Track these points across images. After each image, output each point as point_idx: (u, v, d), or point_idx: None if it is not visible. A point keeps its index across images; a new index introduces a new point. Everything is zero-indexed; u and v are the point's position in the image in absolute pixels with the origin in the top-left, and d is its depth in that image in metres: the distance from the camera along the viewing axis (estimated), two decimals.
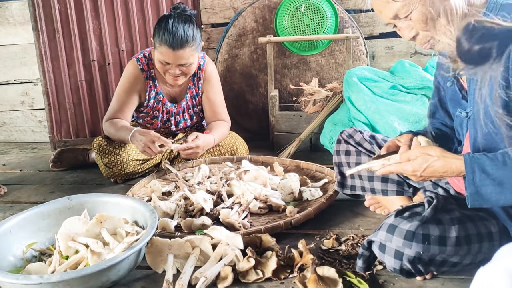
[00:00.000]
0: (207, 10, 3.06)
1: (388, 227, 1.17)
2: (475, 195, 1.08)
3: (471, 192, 1.08)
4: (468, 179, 1.08)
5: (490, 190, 1.06)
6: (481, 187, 1.06)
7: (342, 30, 2.87)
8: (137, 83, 2.27)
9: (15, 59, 3.26)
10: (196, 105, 2.41)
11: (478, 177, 1.06)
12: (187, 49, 2.05)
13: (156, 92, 2.32)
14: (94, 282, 1.22)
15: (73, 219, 1.45)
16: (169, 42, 2.02)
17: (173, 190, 1.99)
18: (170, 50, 2.04)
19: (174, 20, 2.04)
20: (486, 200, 1.07)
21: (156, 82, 2.31)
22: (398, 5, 1.17)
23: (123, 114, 2.27)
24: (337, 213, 1.77)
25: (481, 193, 1.07)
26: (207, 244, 1.40)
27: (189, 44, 2.05)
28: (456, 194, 1.39)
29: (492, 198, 1.06)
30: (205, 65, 2.34)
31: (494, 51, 1.02)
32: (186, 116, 2.43)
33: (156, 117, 2.39)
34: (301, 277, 1.29)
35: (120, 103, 2.27)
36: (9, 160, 2.93)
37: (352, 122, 2.38)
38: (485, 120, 1.12)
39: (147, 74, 2.28)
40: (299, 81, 2.95)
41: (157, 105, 2.35)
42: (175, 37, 2.01)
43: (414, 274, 1.21)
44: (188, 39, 2.04)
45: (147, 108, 2.35)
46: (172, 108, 2.38)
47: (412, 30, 1.20)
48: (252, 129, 3.08)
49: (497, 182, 1.05)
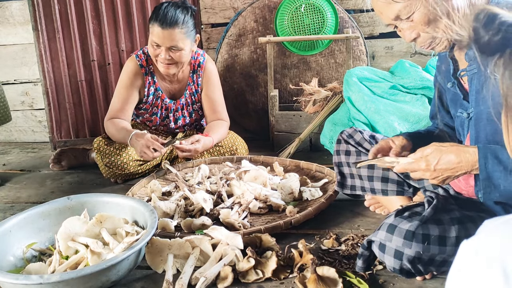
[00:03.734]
0: (207, 10, 3.06)
1: (388, 227, 1.18)
2: (487, 180, 1.09)
3: (483, 178, 1.09)
4: (481, 165, 1.08)
5: (500, 176, 1.07)
6: (492, 173, 1.08)
7: (342, 30, 2.87)
8: (137, 79, 2.30)
9: (15, 59, 3.26)
10: (196, 102, 2.42)
11: (491, 163, 1.07)
12: (177, 30, 2.10)
13: (155, 88, 2.33)
14: (94, 282, 1.22)
15: (73, 219, 1.45)
16: (159, 21, 2.09)
17: (173, 190, 1.99)
18: (160, 28, 2.09)
19: (168, 4, 2.13)
20: (496, 187, 1.08)
21: (155, 78, 2.33)
22: (399, 6, 1.17)
23: (124, 112, 2.29)
24: (337, 213, 1.78)
25: (492, 178, 1.08)
26: (207, 244, 1.41)
27: (179, 26, 2.10)
28: (455, 194, 1.39)
29: (502, 184, 1.07)
30: (205, 63, 2.36)
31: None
32: (185, 113, 2.44)
33: (155, 113, 2.41)
34: (301, 277, 1.29)
35: (121, 100, 2.29)
36: (9, 160, 2.93)
37: (352, 122, 2.38)
38: (489, 119, 1.12)
39: (146, 70, 2.30)
40: (299, 81, 2.94)
41: (156, 101, 2.36)
42: (166, 16, 2.09)
43: (414, 274, 1.21)
44: (178, 20, 2.10)
45: (146, 104, 2.37)
46: (171, 105, 2.39)
47: (414, 31, 1.20)
48: (252, 129, 3.08)
49: (508, 170, 1.06)
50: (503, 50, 0.99)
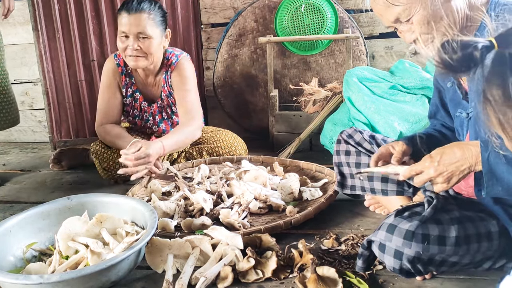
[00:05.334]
0: (207, 10, 3.06)
1: (388, 226, 1.18)
2: (489, 174, 1.08)
3: (486, 171, 1.08)
4: (483, 157, 1.08)
5: (503, 169, 1.06)
6: (495, 166, 1.07)
7: (342, 30, 2.87)
8: (115, 77, 2.30)
9: (15, 59, 3.26)
10: (173, 104, 2.36)
11: (493, 155, 1.07)
12: (144, 15, 2.08)
13: (133, 90, 2.33)
14: (94, 282, 1.22)
15: (73, 219, 1.45)
16: (125, 8, 2.09)
17: (173, 190, 1.99)
18: (126, 14, 2.09)
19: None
20: (498, 180, 1.07)
21: (133, 79, 2.31)
22: (399, 9, 1.17)
23: (112, 115, 2.28)
24: (337, 213, 1.78)
25: (494, 170, 1.07)
26: (207, 244, 1.41)
27: (146, 12, 2.09)
28: (455, 195, 1.39)
29: (505, 177, 1.06)
30: (177, 64, 2.26)
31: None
32: (165, 116, 2.40)
33: (137, 116, 2.40)
34: (301, 277, 1.29)
35: (105, 100, 2.29)
36: (9, 160, 2.93)
37: (352, 122, 2.38)
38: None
39: (123, 70, 2.30)
40: (299, 81, 2.94)
41: (135, 103, 2.36)
42: (132, 2, 2.09)
43: (414, 274, 1.21)
44: (145, 6, 2.09)
45: (127, 106, 2.36)
46: (149, 108, 2.37)
47: (414, 33, 1.20)
48: (252, 129, 3.08)
49: (509, 162, 1.05)
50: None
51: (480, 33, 1.16)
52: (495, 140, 0.82)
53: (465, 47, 0.84)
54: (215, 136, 2.41)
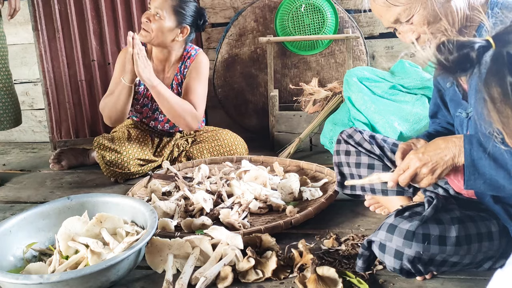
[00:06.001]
0: (207, 10, 3.06)
1: (388, 227, 1.17)
2: (471, 167, 1.08)
3: (467, 164, 1.09)
4: (466, 150, 1.09)
5: (485, 164, 1.06)
6: (477, 160, 1.07)
7: (342, 30, 2.87)
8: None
9: (15, 59, 3.26)
10: (182, 94, 2.38)
11: (476, 149, 1.08)
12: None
13: None
14: (93, 282, 1.22)
15: (73, 219, 1.45)
16: None
17: (173, 190, 1.99)
18: None
19: None
20: (481, 174, 1.08)
21: None
22: (399, 10, 1.17)
23: None
24: (337, 213, 1.78)
25: (477, 164, 1.08)
26: (207, 244, 1.41)
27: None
28: (455, 194, 1.39)
29: (487, 172, 1.07)
30: (196, 56, 2.36)
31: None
32: None
33: (146, 105, 2.41)
34: (301, 277, 1.29)
35: (115, 82, 2.30)
36: (9, 160, 2.93)
37: (352, 122, 2.38)
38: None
39: None
40: (299, 81, 2.94)
41: (147, 92, 2.36)
42: None
43: (414, 274, 1.21)
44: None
45: (137, 94, 2.37)
46: None
47: (414, 34, 1.20)
48: (252, 129, 3.08)
49: (492, 157, 1.05)
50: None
51: (478, 32, 1.16)
52: (496, 135, 0.82)
53: (461, 47, 0.84)
54: (216, 135, 2.42)
